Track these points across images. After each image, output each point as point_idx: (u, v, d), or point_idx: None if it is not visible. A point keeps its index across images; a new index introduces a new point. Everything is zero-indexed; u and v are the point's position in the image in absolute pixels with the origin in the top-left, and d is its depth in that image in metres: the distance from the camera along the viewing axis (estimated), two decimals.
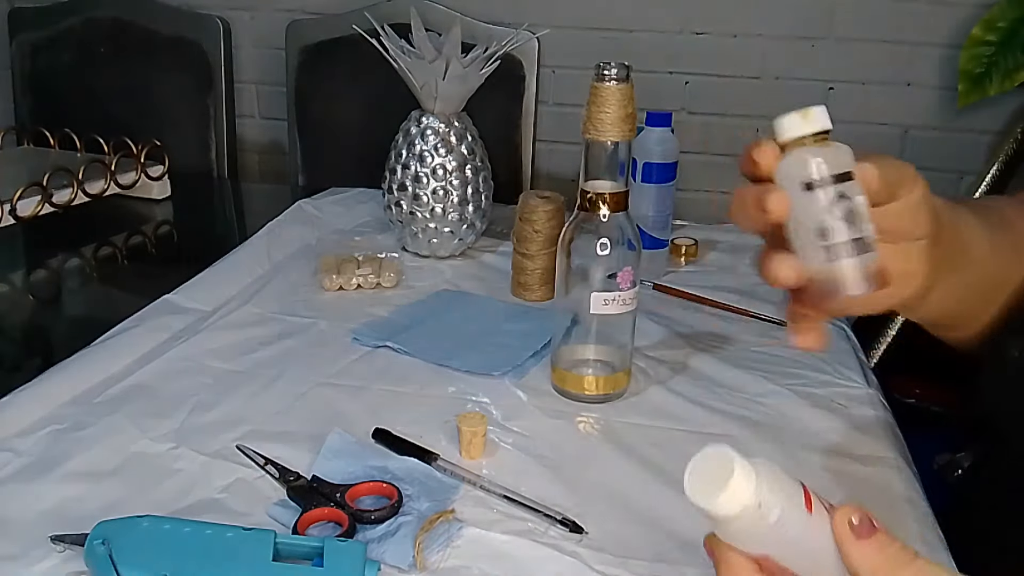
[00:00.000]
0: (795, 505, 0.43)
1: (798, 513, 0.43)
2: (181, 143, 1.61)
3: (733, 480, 0.43)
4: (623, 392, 0.78)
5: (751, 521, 0.42)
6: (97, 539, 0.53)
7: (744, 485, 0.43)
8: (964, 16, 1.58)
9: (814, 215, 0.45)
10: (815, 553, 0.43)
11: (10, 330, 0.97)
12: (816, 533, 0.42)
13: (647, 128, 1.02)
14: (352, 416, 0.73)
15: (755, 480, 0.43)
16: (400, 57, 1.03)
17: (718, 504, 0.42)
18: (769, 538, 0.43)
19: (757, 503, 0.42)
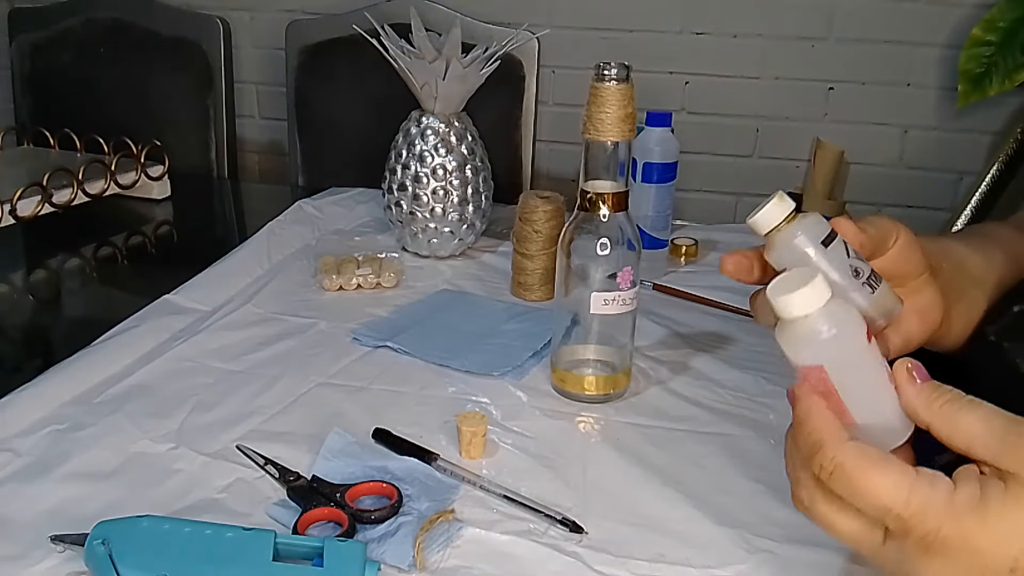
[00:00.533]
0: (855, 330, 0.47)
1: (857, 338, 0.47)
2: (181, 143, 1.61)
3: (809, 285, 0.47)
4: (623, 392, 0.78)
5: (813, 327, 0.47)
6: (97, 539, 0.53)
7: (816, 293, 0.47)
8: (964, 16, 1.58)
9: (840, 263, 0.50)
10: (864, 378, 0.47)
11: (10, 330, 0.97)
12: (868, 361, 0.47)
13: (647, 128, 1.02)
14: (352, 416, 0.73)
15: (827, 294, 0.47)
16: (400, 57, 1.03)
17: (791, 300, 0.47)
18: (826, 350, 0.47)
19: (822, 312, 0.47)
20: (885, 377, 0.47)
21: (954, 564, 0.40)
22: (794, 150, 1.74)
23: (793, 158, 1.75)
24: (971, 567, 0.40)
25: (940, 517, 0.40)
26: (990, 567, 0.40)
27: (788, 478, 0.47)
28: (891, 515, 0.41)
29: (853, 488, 0.42)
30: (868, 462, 0.42)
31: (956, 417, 0.43)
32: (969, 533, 0.40)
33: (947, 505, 0.40)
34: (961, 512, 0.40)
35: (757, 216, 0.52)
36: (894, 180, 1.72)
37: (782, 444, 0.70)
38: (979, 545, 0.40)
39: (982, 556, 0.40)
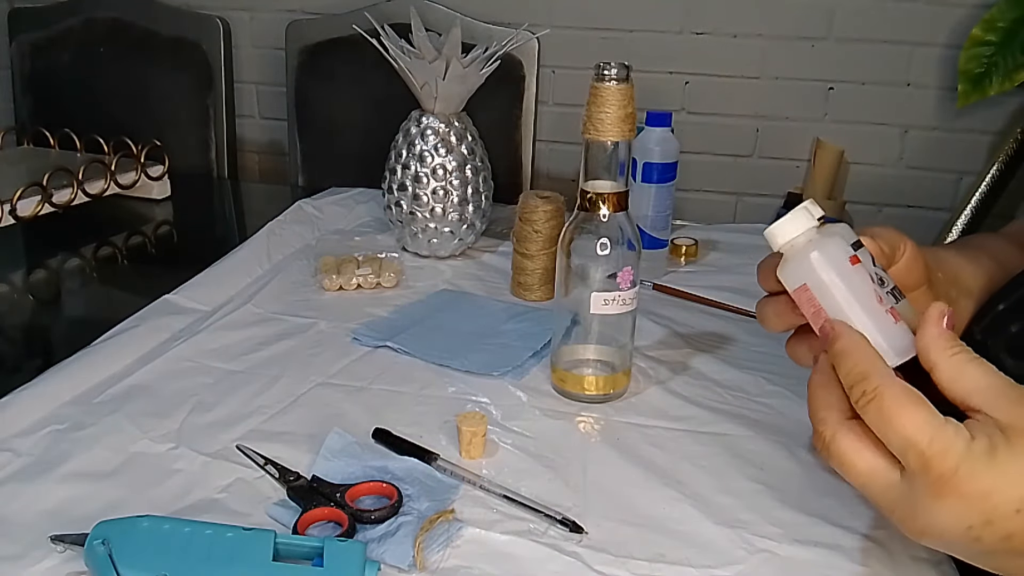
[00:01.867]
0: (836, 252, 0.50)
1: (838, 259, 0.50)
2: (181, 143, 1.62)
3: (790, 214, 0.51)
4: (623, 392, 0.78)
5: (797, 251, 0.51)
6: (97, 539, 0.53)
7: (797, 220, 0.51)
8: (964, 16, 1.59)
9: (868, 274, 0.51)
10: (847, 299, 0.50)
11: (10, 330, 0.97)
12: (852, 283, 0.50)
13: (647, 128, 1.02)
14: (352, 416, 0.73)
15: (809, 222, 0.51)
16: (400, 57, 1.03)
17: (775, 231, 0.52)
18: (809, 270, 0.51)
19: (804, 236, 0.51)
20: (874, 303, 0.49)
21: (964, 504, 0.43)
22: (794, 150, 1.74)
23: (793, 158, 1.75)
24: (979, 508, 0.43)
25: (959, 459, 0.43)
26: (997, 508, 0.43)
27: (810, 421, 0.50)
28: (915, 450, 0.44)
29: (886, 418, 0.45)
30: (906, 398, 0.45)
31: (964, 367, 0.46)
32: (981, 476, 0.43)
33: (966, 449, 0.43)
34: (976, 456, 0.43)
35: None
36: (894, 180, 1.72)
37: (782, 444, 0.70)
38: (988, 488, 0.43)
39: (990, 498, 0.43)
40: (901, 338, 0.50)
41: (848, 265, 0.51)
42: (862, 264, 0.51)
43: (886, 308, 0.50)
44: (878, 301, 0.50)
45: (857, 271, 0.51)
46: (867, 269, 0.51)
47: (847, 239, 0.52)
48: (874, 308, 0.50)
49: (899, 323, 0.50)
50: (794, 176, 1.76)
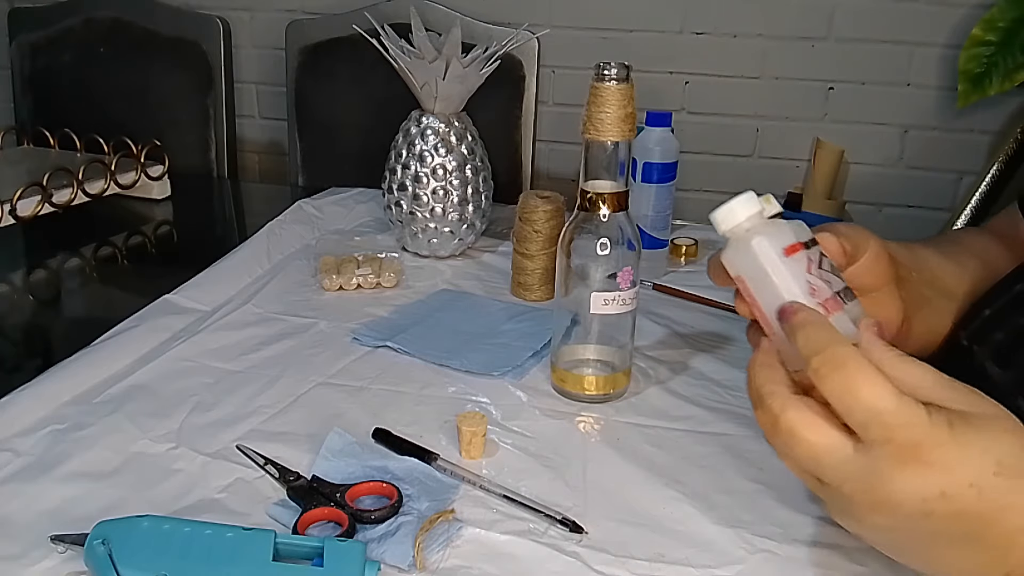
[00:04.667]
0: (769, 246, 0.50)
1: (769, 253, 0.50)
2: (181, 143, 1.61)
3: (726, 204, 0.51)
4: (623, 392, 0.78)
5: (732, 241, 0.51)
6: (97, 539, 0.53)
7: (738, 209, 0.51)
8: (964, 16, 1.59)
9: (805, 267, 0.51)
10: (777, 292, 0.50)
11: (10, 330, 0.97)
12: (783, 277, 0.50)
13: (647, 128, 1.02)
14: (352, 416, 0.73)
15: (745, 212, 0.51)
16: (400, 57, 1.03)
17: (714, 218, 0.52)
18: (741, 261, 0.51)
19: (739, 228, 0.51)
20: (805, 295, 0.49)
21: (924, 475, 0.43)
22: (794, 150, 1.74)
23: (793, 158, 1.75)
24: (938, 480, 0.43)
25: (923, 430, 0.43)
26: (954, 480, 0.43)
27: (752, 400, 0.49)
28: (879, 420, 0.43)
29: (850, 386, 0.44)
30: (871, 369, 0.44)
31: (904, 365, 0.46)
32: (943, 448, 0.43)
33: (930, 421, 0.43)
34: (939, 429, 0.43)
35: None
36: (894, 180, 1.72)
37: None
38: (949, 459, 0.43)
39: (950, 469, 0.43)
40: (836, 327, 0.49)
41: (782, 256, 0.50)
42: (800, 255, 0.50)
43: (819, 300, 0.49)
44: (810, 293, 0.49)
45: (792, 262, 0.50)
46: (806, 263, 0.50)
47: (796, 234, 0.51)
48: (804, 299, 0.49)
49: (831, 316, 0.49)
50: (794, 176, 1.76)
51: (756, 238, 0.51)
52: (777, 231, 0.51)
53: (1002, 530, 0.43)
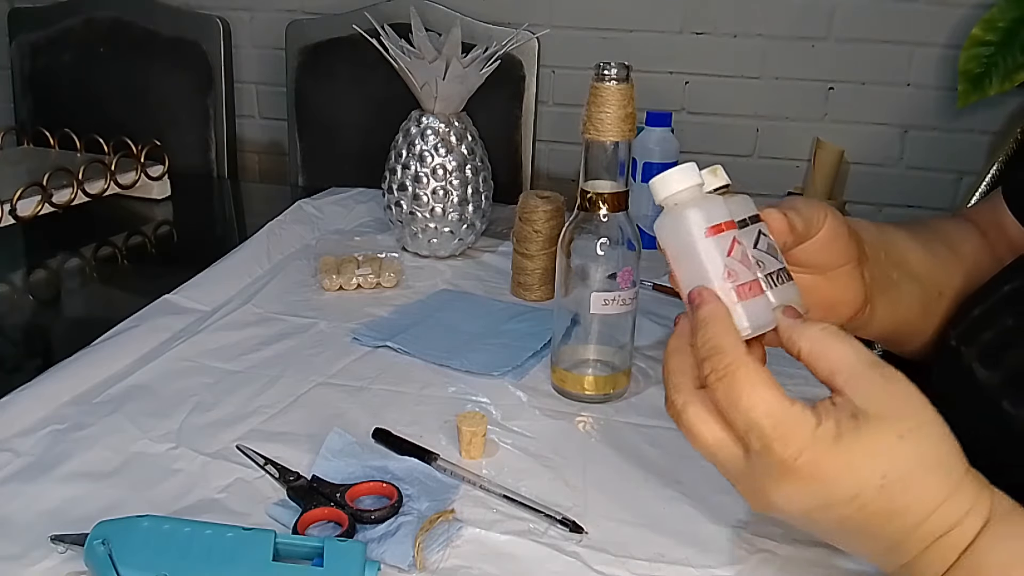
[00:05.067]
0: (690, 224, 0.49)
1: (688, 232, 0.49)
2: (181, 143, 1.61)
3: (672, 171, 0.51)
4: (623, 392, 0.78)
5: (667, 213, 0.51)
6: (97, 539, 0.53)
7: (673, 180, 0.51)
8: (964, 16, 1.58)
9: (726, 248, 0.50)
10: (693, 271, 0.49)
11: (10, 330, 0.97)
12: (701, 257, 0.49)
13: (647, 128, 1.02)
14: (352, 416, 0.73)
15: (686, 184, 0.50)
16: (400, 57, 1.03)
17: (653, 182, 0.51)
18: (663, 236, 0.51)
19: (665, 202, 0.51)
20: (719, 278, 0.48)
21: (804, 489, 0.44)
22: (794, 150, 1.74)
23: (793, 158, 1.75)
24: (818, 493, 0.44)
25: (800, 445, 0.43)
26: (834, 495, 0.43)
27: (664, 384, 0.49)
28: (757, 432, 0.44)
29: (734, 396, 0.45)
30: (757, 378, 0.45)
31: (828, 343, 0.46)
32: (823, 464, 0.43)
33: (810, 436, 0.43)
34: (820, 445, 0.43)
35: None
36: (894, 180, 1.72)
37: None
38: (827, 476, 0.43)
39: (828, 486, 0.43)
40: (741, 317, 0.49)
41: (702, 235, 0.49)
42: (725, 235, 0.49)
43: (734, 284, 0.48)
44: (726, 277, 0.49)
45: (712, 242, 0.49)
46: (729, 244, 0.49)
47: (732, 211, 0.50)
48: (719, 283, 0.49)
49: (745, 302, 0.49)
50: (794, 176, 1.76)
51: (682, 212, 0.50)
52: (708, 207, 0.50)
53: (894, 529, 0.44)
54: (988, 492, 0.44)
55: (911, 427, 0.43)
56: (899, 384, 0.45)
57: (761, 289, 0.49)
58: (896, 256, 0.62)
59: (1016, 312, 0.57)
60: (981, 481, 0.45)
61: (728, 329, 0.47)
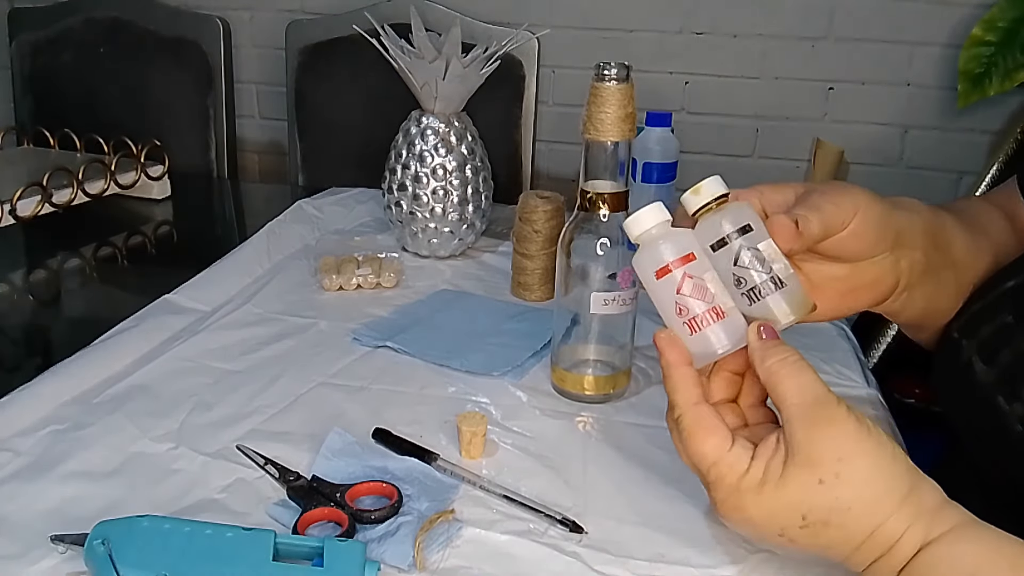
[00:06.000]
0: (647, 267, 0.54)
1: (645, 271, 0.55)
2: (181, 143, 1.61)
3: (635, 215, 0.55)
4: (623, 392, 0.78)
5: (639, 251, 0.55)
6: (97, 539, 0.53)
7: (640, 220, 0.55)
8: (964, 16, 1.58)
9: (725, 270, 0.54)
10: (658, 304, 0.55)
11: (10, 330, 0.97)
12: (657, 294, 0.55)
13: (647, 128, 1.02)
14: (352, 416, 0.73)
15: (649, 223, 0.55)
16: (400, 57, 1.03)
17: (626, 223, 0.56)
18: (638, 272, 0.56)
19: (638, 242, 0.55)
20: (671, 315, 0.54)
21: (739, 521, 0.51)
22: (794, 150, 1.74)
23: (793, 158, 1.75)
24: (750, 529, 0.51)
25: (726, 492, 0.50)
26: (764, 532, 0.50)
27: None
28: (699, 473, 0.52)
29: (681, 443, 0.53)
30: (698, 427, 0.52)
31: (778, 377, 0.50)
32: (748, 509, 0.50)
33: (736, 482, 0.50)
34: (743, 494, 0.49)
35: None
36: (894, 180, 1.72)
37: None
38: (753, 518, 0.50)
39: (757, 526, 0.50)
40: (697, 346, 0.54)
41: (652, 277, 0.54)
42: (671, 276, 0.54)
43: (686, 320, 0.53)
44: (677, 313, 0.54)
45: (661, 284, 0.54)
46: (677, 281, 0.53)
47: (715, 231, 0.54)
48: (672, 320, 0.54)
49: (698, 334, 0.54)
50: (794, 176, 1.76)
51: (638, 254, 0.55)
52: (664, 246, 0.54)
53: (831, 555, 0.50)
54: (927, 517, 0.47)
55: (835, 471, 0.47)
56: (832, 425, 0.48)
57: (720, 315, 0.53)
58: (943, 241, 0.61)
59: (1016, 309, 0.57)
60: (921, 505, 0.47)
61: (678, 382, 0.53)
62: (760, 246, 0.53)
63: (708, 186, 0.55)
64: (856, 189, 0.56)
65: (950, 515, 0.47)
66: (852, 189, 0.56)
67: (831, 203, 0.55)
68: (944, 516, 0.47)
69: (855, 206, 0.55)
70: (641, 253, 0.55)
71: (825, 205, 0.54)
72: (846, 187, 0.56)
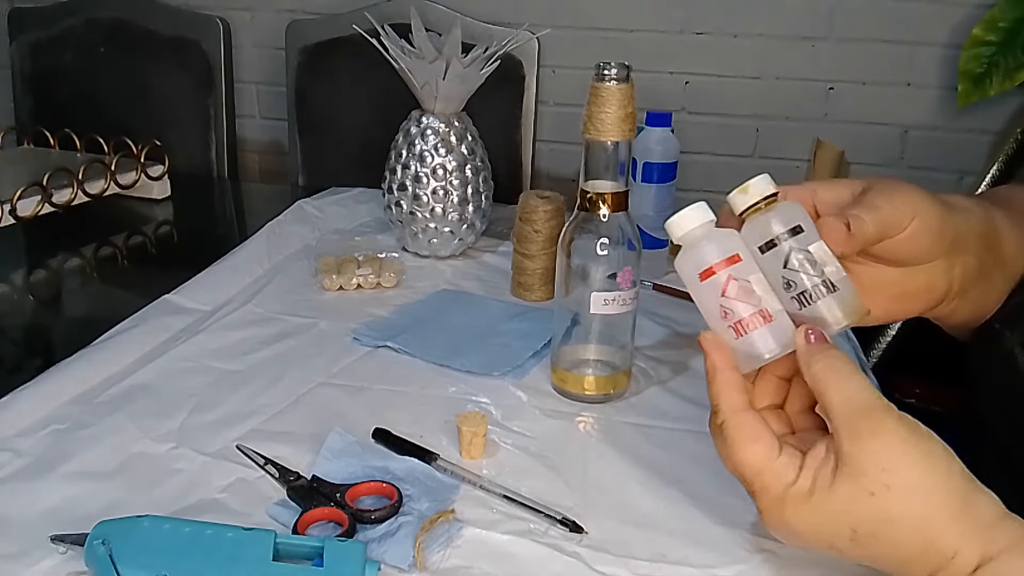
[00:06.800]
0: (691, 266, 0.53)
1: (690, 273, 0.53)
2: (181, 143, 1.61)
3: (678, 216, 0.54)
4: (623, 392, 0.78)
5: (679, 257, 0.54)
6: (97, 539, 0.53)
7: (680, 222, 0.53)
8: (964, 16, 1.58)
9: (775, 273, 0.52)
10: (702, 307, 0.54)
11: (10, 330, 0.97)
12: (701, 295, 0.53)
13: (647, 128, 1.02)
14: (352, 416, 0.73)
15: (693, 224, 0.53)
16: (400, 57, 1.03)
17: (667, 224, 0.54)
18: (681, 274, 0.54)
19: (680, 243, 0.54)
20: (716, 318, 0.52)
21: (785, 532, 0.49)
22: (794, 150, 1.74)
23: (793, 158, 1.75)
24: (799, 537, 0.49)
25: (772, 503, 0.49)
26: (812, 543, 0.49)
27: None
28: (744, 481, 0.51)
29: (725, 450, 0.51)
30: (742, 435, 0.50)
31: (824, 384, 0.49)
32: (792, 522, 0.48)
33: (783, 492, 0.48)
34: (789, 502, 0.48)
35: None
36: None
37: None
38: (799, 530, 0.48)
39: (804, 537, 0.49)
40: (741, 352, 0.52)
41: (696, 279, 0.53)
42: (715, 278, 0.52)
43: (731, 323, 0.52)
44: (722, 317, 0.52)
45: (705, 286, 0.52)
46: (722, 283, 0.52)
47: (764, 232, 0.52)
48: (716, 323, 0.53)
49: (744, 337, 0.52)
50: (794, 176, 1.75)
51: (681, 256, 0.54)
52: (708, 248, 0.52)
53: (882, 566, 0.48)
54: (984, 532, 0.45)
55: (885, 483, 0.45)
56: (882, 437, 0.46)
57: (767, 318, 0.51)
58: (994, 242, 0.59)
59: None
60: (978, 519, 0.45)
61: (722, 387, 0.52)
62: (811, 248, 0.51)
63: (756, 185, 0.53)
64: (913, 190, 0.54)
65: (1010, 529, 0.45)
66: (910, 190, 0.54)
67: (889, 204, 0.52)
68: (1003, 531, 0.45)
69: (914, 209, 0.53)
70: (684, 254, 0.54)
71: (883, 205, 0.52)
72: (904, 187, 0.54)
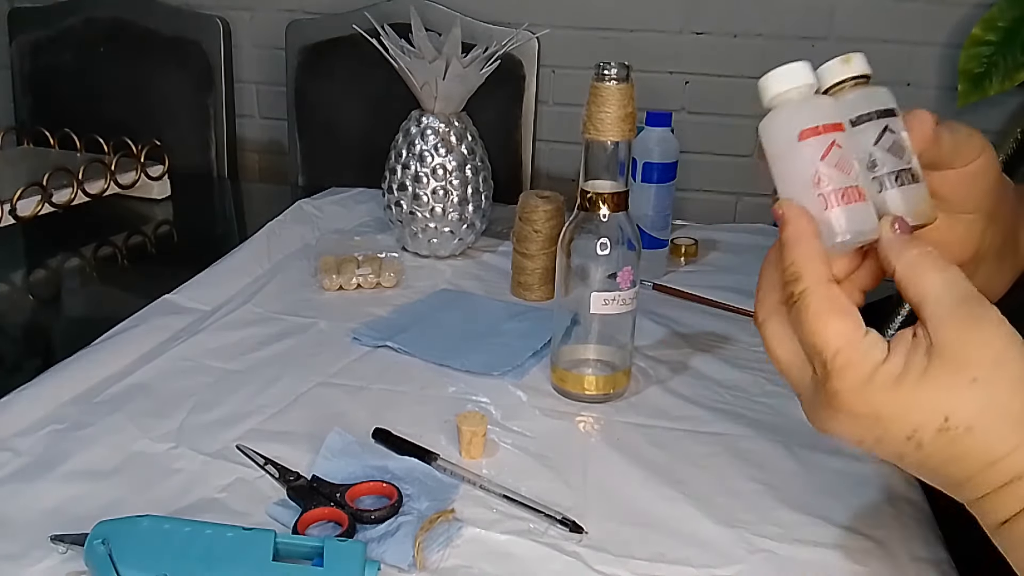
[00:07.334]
0: (787, 128, 0.47)
1: (784, 130, 0.48)
2: (181, 143, 1.61)
3: (774, 73, 0.49)
4: (623, 392, 0.78)
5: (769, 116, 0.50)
6: (97, 539, 0.53)
7: (776, 79, 0.49)
8: (964, 16, 1.58)
9: (863, 150, 0.47)
10: (786, 173, 0.48)
11: (10, 330, 0.97)
12: (792, 159, 0.47)
13: (647, 128, 1.02)
14: (352, 416, 0.73)
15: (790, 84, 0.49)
16: (400, 57, 1.03)
17: (761, 81, 0.50)
18: (768, 139, 0.49)
19: (770, 103, 0.50)
20: (807, 186, 0.46)
21: (857, 422, 0.44)
22: None
23: None
24: (872, 428, 0.44)
25: (859, 379, 0.43)
26: (888, 431, 0.43)
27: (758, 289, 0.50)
28: (819, 360, 0.44)
29: (803, 323, 0.45)
30: (828, 306, 0.44)
31: (922, 269, 0.44)
32: (878, 402, 0.43)
33: (871, 370, 0.43)
34: (879, 380, 0.43)
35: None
36: None
37: (782, 444, 0.70)
38: (882, 413, 0.43)
39: (884, 422, 0.43)
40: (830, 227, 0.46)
41: (793, 140, 0.47)
42: (821, 139, 0.46)
43: (822, 192, 0.46)
44: (814, 184, 0.46)
45: (803, 147, 0.46)
46: (824, 147, 0.46)
47: (855, 107, 0.48)
48: (805, 190, 0.46)
49: (834, 210, 0.46)
50: None
51: (778, 113, 0.48)
52: (810, 108, 0.47)
53: (954, 471, 0.44)
54: None
55: (988, 371, 0.42)
56: (984, 324, 0.43)
57: (861, 196, 0.46)
58: (1016, 224, 0.57)
59: None
60: None
61: (807, 254, 0.46)
62: (903, 134, 0.48)
63: (859, 59, 0.49)
64: (983, 138, 0.51)
65: None
66: (980, 135, 0.51)
67: (966, 131, 0.50)
68: None
69: (983, 148, 0.50)
70: (779, 112, 0.49)
71: (962, 129, 0.50)
72: (974, 129, 0.51)
